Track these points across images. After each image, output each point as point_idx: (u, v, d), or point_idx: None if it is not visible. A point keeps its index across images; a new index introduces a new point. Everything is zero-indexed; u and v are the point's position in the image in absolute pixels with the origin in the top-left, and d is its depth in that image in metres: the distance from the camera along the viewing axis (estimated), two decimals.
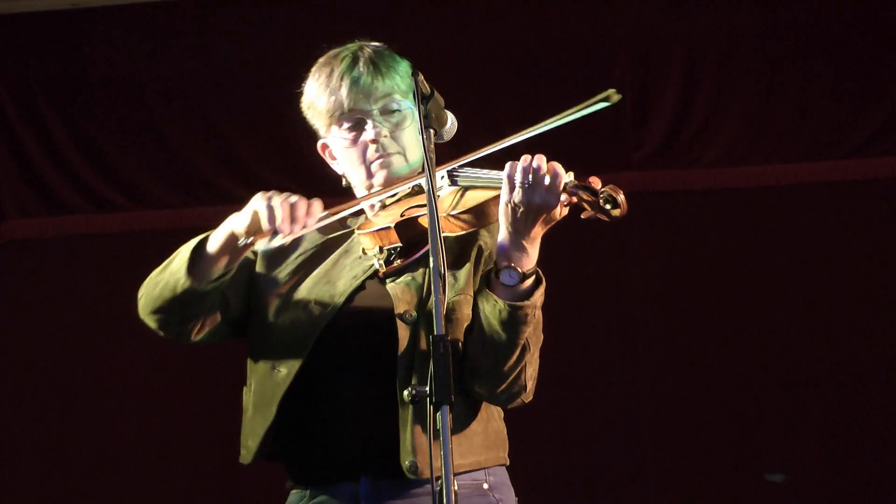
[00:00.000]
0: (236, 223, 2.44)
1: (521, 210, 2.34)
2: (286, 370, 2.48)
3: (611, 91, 2.58)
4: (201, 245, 2.51)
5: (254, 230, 2.40)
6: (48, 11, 5.24)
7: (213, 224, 5.11)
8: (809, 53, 4.94)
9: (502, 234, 2.37)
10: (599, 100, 2.56)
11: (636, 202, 4.95)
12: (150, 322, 2.60)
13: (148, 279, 2.66)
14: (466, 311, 2.47)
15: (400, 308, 2.46)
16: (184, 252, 2.54)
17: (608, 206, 2.34)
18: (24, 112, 5.23)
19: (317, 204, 2.41)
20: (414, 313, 2.45)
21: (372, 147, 2.58)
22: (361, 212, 2.70)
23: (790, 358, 4.89)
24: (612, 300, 5.00)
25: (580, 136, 5.14)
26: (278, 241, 2.39)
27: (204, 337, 2.58)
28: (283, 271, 2.61)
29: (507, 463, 2.55)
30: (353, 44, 2.65)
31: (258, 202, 2.40)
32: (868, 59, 4.92)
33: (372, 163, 2.59)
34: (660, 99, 4.99)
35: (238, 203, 5.78)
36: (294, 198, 2.39)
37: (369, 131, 2.58)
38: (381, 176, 2.59)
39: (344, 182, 2.71)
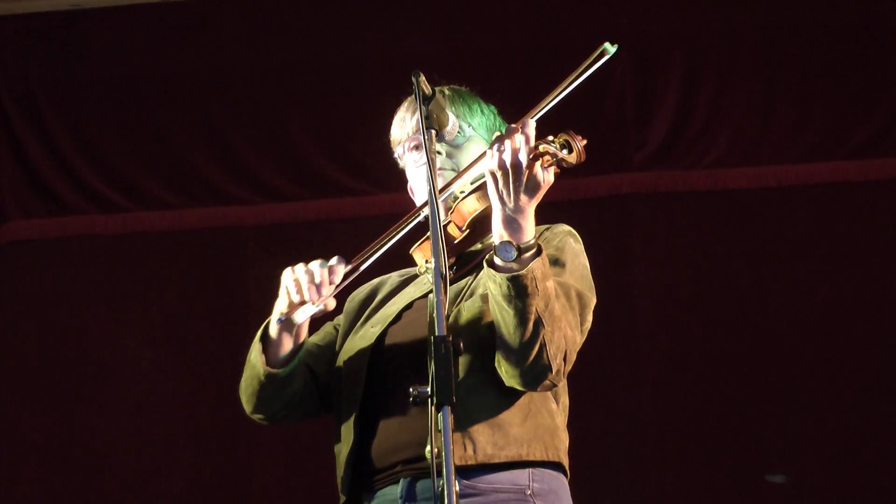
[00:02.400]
0: (277, 304, 2.55)
1: (499, 175, 2.36)
2: (355, 395, 2.54)
3: (605, 45, 2.65)
4: (265, 333, 2.59)
5: (290, 305, 2.51)
6: (49, 12, 5.24)
7: (212, 225, 5.08)
8: (810, 54, 4.94)
9: (494, 212, 2.40)
10: (597, 56, 2.59)
11: (637, 203, 5.00)
12: (258, 419, 2.70)
13: (241, 383, 2.72)
14: None
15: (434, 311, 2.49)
16: (254, 345, 2.62)
17: (564, 152, 2.36)
18: (25, 113, 5.23)
19: (337, 264, 2.50)
20: (449, 311, 2.48)
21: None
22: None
23: (793, 359, 4.89)
24: (614, 301, 4.99)
25: (582, 137, 5.15)
26: (311, 310, 2.49)
27: (300, 415, 2.69)
28: (363, 318, 2.69)
29: (562, 461, 2.55)
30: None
31: (284, 277, 2.52)
32: (869, 60, 4.92)
33: (426, 180, 2.63)
34: (661, 100, 4.98)
35: (238, 203, 5.77)
36: (315, 264, 2.49)
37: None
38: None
39: (422, 216, 2.72)
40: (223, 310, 5.13)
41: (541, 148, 2.36)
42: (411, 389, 2.17)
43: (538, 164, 2.36)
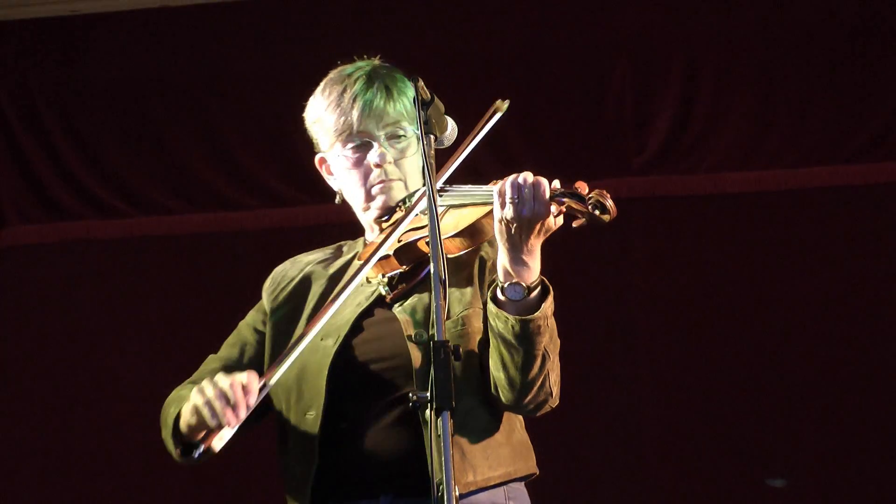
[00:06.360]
0: (189, 419, 2.46)
1: (513, 226, 2.34)
2: (315, 411, 2.49)
3: (497, 102, 2.54)
4: (176, 427, 2.54)
5: (203, 428, 2.42)
6: (49, 17, 5.24)
7: (212, 230, 5.04)
8: (809, 58, 4.94)
9: (501, 252, 2.38)
10: (491, 114, 2.52)
11: (637, 207, 5.00)
12: None
13: (162, 416, 2.73)
14: (477, 325, 2.49)
15: (410, 330, 2.47)
16: (167, 429, 2.58)
17: (597, 212, 2.34)
18: (25, 118, 5.23)
19: (252, 378, 2.38)
20: (424, 333, 2.45)
21: (375, 171, 2.60)
22: (361, 237, 2.72)
23: (792, 362, 4.89)
24: (614, 305, 4.99)
25: (581, 141, 5.15)
26: (229, 434, 2.38)
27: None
28: (299, 321, 2.63)
29: (537, 472, 2.56)
30: (364, 62, 2.68)
31: (195, 398, 2.40)
32: (868, 64, 4.92)
33: (373, 186, 2.61)
34: (660, 104, 4.98)
35: (237, 209, 5.76)
36: (226, 383, 2.37)
37: (373, 155, 2.59)
38: (379, 201, 2.61)
39: (338, 199, 2.72)
40: (222, 314, 5.11)
41: (565, 203, 2.34)
42: (410, 395, 2.17)
43: (560, 217, 2.36)
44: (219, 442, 2.37)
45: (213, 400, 2.36)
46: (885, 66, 4.91)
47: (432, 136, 2.41)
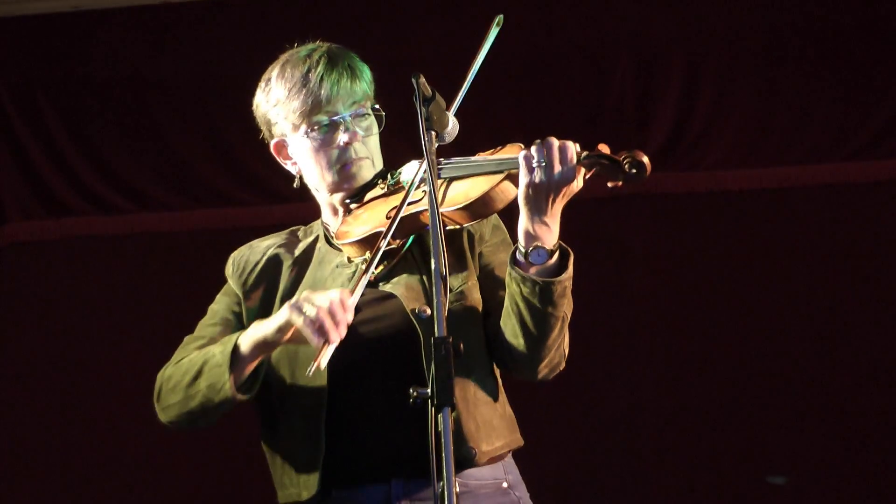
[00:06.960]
0: (270, 335, 2.42)
1: (542, 190, 2.37)
2: (318, 398, 2.47)
3: (498, 17, 2.67)
4: (235, 355, 2.47)
5: (296, 342, 2.40)
6: (50, 14, 5.24)
7: (213, 227, 5.06)
8: (811, 56, 4.94)
9: (524, 217, 2.39)
10: (493, 28, 2.53)
11: (638, 205, 5.00)
12: (176, 424, 2.64)
13: (168, 387, 2.68)
14: (476, 296, 2.51)
15: (411, 305, 2.46)
16: (219, 366, 2.49)
17: (634, 171, 2.37)
18: (26, 114, 5.23)
19: (346, 294, 2.36)
20: (427, 310, 2.45)
21: (346, 151, 2.58)
22: (315, 220, 2.71)
23: (793, 360, 4.89)
24: (614, 302, 5.00)
25: (582, 139, 5.15)
26: (331, 351, 2.33)
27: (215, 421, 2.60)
28: (273, 304, 2.60)
29: (522, 443, 2.58)
30: (311, 44, 2.66)
31: (294, 318, 2.36)
32: (870, 62, 4.92)
33: (345, 166, 2.59)
34: (662, 102, 4.99)
35: (239, 206, 5.75)
36: (326, 301, 2.34)
37: (343, 135, 2.58)
38: (351, 180, 2.60)
39: (296, 183, 2.69)
40: None
41: (596, 166, 2.39)
42: (412, 390, 2.16)
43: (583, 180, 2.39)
44: (325, 359, 2.31)
45: (321, 318, 2.32)
46: (885, 66, 4.91)
47: (434, 133, 2.40)
